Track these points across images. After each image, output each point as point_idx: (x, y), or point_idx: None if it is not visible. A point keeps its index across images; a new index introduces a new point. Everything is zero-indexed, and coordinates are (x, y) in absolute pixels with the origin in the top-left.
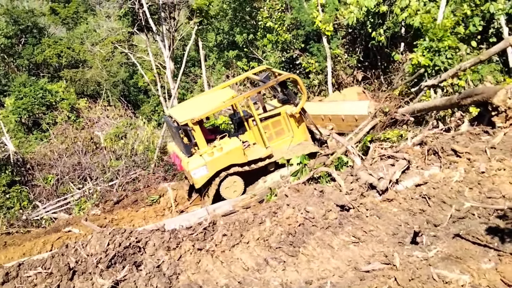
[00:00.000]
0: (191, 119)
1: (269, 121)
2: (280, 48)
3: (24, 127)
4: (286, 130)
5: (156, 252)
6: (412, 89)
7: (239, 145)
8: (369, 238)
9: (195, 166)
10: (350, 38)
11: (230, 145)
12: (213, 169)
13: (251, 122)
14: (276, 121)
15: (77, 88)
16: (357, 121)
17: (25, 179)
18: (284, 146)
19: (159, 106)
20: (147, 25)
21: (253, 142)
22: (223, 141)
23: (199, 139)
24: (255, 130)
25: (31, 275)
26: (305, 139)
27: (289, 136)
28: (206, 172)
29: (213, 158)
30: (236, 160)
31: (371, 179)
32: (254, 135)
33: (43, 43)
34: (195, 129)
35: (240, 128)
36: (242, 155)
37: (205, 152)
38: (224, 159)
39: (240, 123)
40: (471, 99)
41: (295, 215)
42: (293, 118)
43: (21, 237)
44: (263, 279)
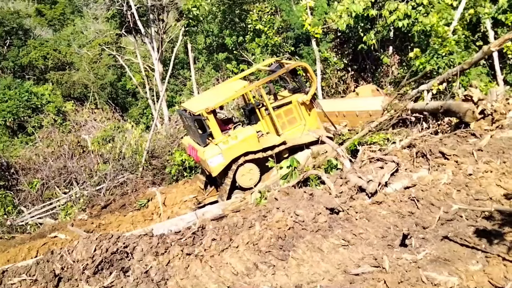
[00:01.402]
0: (206, 109)
1: (281, 109)
2: (269, 51)
3: (8, 130)
4: (298, 118)
5: (144, 258)
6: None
7: (253, 133)
8: (358, 241)
9: (211, 154)
10: (339, 41)
11: (244, 133)
12: (229, 157)
13: (264, 111)
14: (288, 109)
15: (64, 91)
16: (371, 116)
17: (10, 184)
18: (297, 134)
19: (148, 109)
20: (136, 27)
21: (266, 132)
22: (237, 130)
23: (213, 128)
24: (267, 120)
25: (15, 282)
26: (317, 127)
27: (301, 124)
28: (222, 160)
29: (229, 146)
30: (251, 147)
31: (360, 182)
32: (267, 125)
33: (29, 45)
34: (210, 118)
35: (252, 118)
36: (257, 143)
37: (220, 141)
38: (239, 147)
39: (252, 113)
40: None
41: (285, 219)
42: (304, 106)
43: (5, 243)
44: (253, 283)
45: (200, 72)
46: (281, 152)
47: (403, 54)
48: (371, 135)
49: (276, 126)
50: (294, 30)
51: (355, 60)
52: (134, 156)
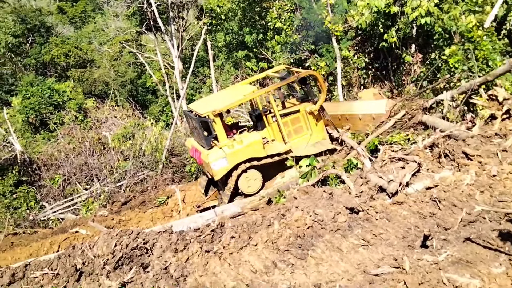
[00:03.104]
0: (213, 111)
1: (288, 118)
2: (289, 49)
3: (31, 126)
4: (304, 127)
5: (164, 254)
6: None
7: (259, 139)
8: (378, 241)
9: (215, 158)
10: (359, 39)
11: (250, 138)
12: (233, 162)
13: (270, 118)
14: (295, 118)
15: (85, 88)
16: (375, 120)
17: (32, 179)
18: (302, 144)
19: (167, 106)
20: (156, 25)
21: (272, 139)
22: (243, 135)
23: (219, 131)
24: (274, 127)
25: (38, 276)
26: (323, 138)
27: (307, 134)
28: (226, 164)
29: (233, 151)
30: (255, 153)
31: (381, 182)
32: (273, 132)
33: (51, 42)
34: (216, 121)
35: (258, 124)
36: (262, 149)
37: (225, 144)
38: (244, 152)
39: (259, 119)
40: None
41: (304, 218)
42: (312, 116)
43: (28, 238)
44: (271, 282)
45: (219, 70)
46: (284, 160)
47: (426, 52)
48: (392, 134)
49: (282, 133)
50: (314, 28)
51: (376, 59)
52: (154, 153)
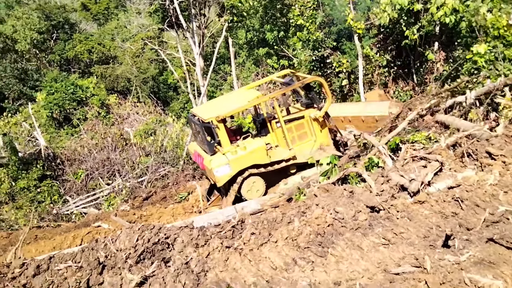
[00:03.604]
0: (216, 117)
1: (292, 123)
2: (311, 46)
3: (55, 122)
4: (309, 133)
5: (185, 249)
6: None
7: (262, 145)
8: (399, 240)
9: (218, 164)
10: (382, 37)
11: (253, 144)
12: (236, 168)
13: (274, 124)
14: (300, 124)
15: (107, 84)
16: (378, 122)
17: (56, 174)
18: (306, 150)
19: (189, 103)
20: (177, 22)
21: (276, 145)
22: (247, 141)
23: (223, 137)
24: (278, 132)
25: (62, 268)
26: (327, 144)
27: (311, 140)
28: (229, 171)
29: (236, 157)
30: (259, 160)
31: (402, 181)
32: (277, 138)
33: (74, 39)
34: (220, 127)
35: (262, 129)
36: (265, 155)
37: (228, 150)
38: (247, 159)
39: (263, 124)
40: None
41: (324, 215)
42: (317, 122)
43: (51, 231)
44: (291, 278)
45: (240, 67)
46: (288, 167)
47: (450, 50)
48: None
49: (286, 139)
50: (337, 25)
51: (399, 57)
52: (175, 149)
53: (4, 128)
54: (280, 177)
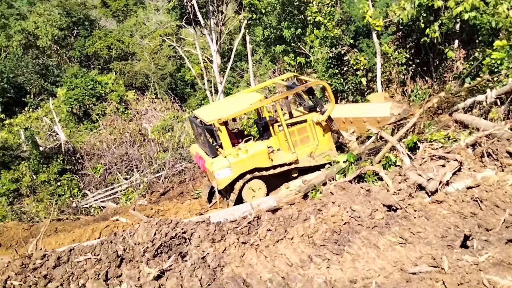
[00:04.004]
0: (218, 119)
1: (294, 127)
2: (328, 43)
3: (75, 117)
4: (311, 138)
5: (201, 244)
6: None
7: (264, 149)
8: (416, 240)
9: (219, 167)
10: (400, 34)
11: (255, 148)
12: (237, 171)
13: (277, 128)
14: (302, 128)
15: (126, 80)
16: (379, 123)
17: (75, 168)
18: (307, 154)
19: (206, 100)
20: (195, 19)
21: (277, 148)
22: (248, 144)
23: (224, 140)
24: (280, 136)
25: (81, 260)
26: (330, 149)
27: (313, 144)
28: (230, 174)
29: (238, 160)
30: (260, 163)
31: (420, 180)
32: (279, 141)
33: (94, 35)
34: (221, 130)
35: (264, 133)
36: (267, 159)
37: (230, 153)
38: (249, 162)
39: (265, 128)
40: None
41: (340, 213)
42: (319, 126)
43: (71, 224)
44: (307, 275)
45: (257, 64)
46: (290, 171)
47: (470, 48)
48: (432, 132)
49: (289, 143)
50: (355, 22)
51: (417, 54)
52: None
53: (26, 123)
54: (281, 181)
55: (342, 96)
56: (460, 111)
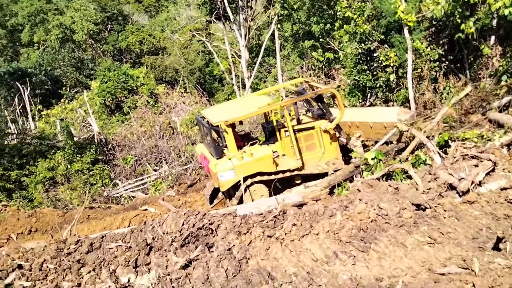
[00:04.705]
0: (225, 121)
1: (301, 133)
2: (357, 39)
3: (107, 109)
4: (317, 145)
5: (228, 236)
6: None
7: (269, 153)
8: (446, 240)
9: (223, 168)
10: (434, 30)
11: (260, 152)
12: (241, 174)
13: (283, 133)
14: (309, 134)
15: (157, 74)
16: (386, 128)
17: (107, 158)
18: (313, 161)
19: (233, 94)
20: (225, 14)
21: (283, 154)
22: (254, 148)
23: (230, 142)
24: (286, 141)
25: (113, 247)
26: (336, 157)
27: (319, 152)
28: (233, 176)
29: (242, 163)
30: (265, 168)
31: (451, 179)
32: (284, 146)
33: (127, 30)
34: (228, 131)
35: (271, 137)
36: (272, 164)
37: (235, 156)
38: (253, 166)
39: (271, 132)
40: None
41: (367, 211)
42: (327, 134)
43: (102, 212)
44: (332, 271)
45: (285, 59)
46: (293, 177)
47: (507, 45)
48: (464, 131)
49: (294, 149)
50: (386, 18)
51: (451, 51)
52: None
53: (61, 114)
54: (285, 187)
55: (371, 92)
56: (495, 110)
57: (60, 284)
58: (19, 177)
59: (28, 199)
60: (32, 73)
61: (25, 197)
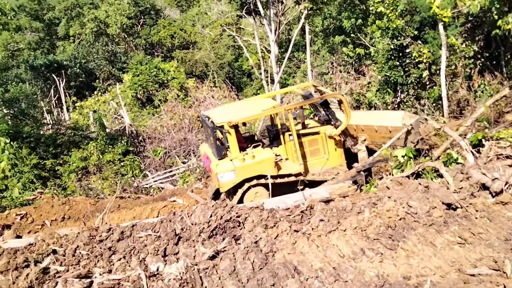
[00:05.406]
0: (228, 122)
1: (306, 138)
2: (390, 35)
3: (139, 102)
4: (321, 151)
5: (255, 229)
6: None
7: (271, 157)
8: (477, 241)
9: (224, 169)
10: (469, 26)
11: (262, 154)
12: (241, 176)
13: (287, 137)
14: (313, 139)
15: (187, 68)
16: (391, 133)
17: (138, 150)
18: (316, 167)
19: (261, 89)
20: (255, 9)
21: (286, 157)
22: (256, 150)
23: (232, 143)
24: (289, 145)
25: (142, 236)
26: (340, 164)
27: (323, 158)
28: (234, 178)
29: (243, 165)
30: (265, 171)
31: (484, 179)
32: (287, 150)
33: (159, 24)
34: (231, 132)
35: (275, 140)
36: (273, 167)
37: (236, 157)
38: (254, 168)
39: (276, 135)
40: None
41: (396, 209)
42: (332, 140)
43: (132, 202)
44: (359, 268)
45: (315, 55)
46: (296, 182)
47: None
48: (499, 130)
49: (297, 153)
50: (420, 13)
51: (487, 47)
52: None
53: (95, 106)
54: (286, 191)
55: (402, 89)
56: None
57: (91, 270)
58: (54, 166)
59: (62, 187)
60: (68, 65)
61: (59, 185)
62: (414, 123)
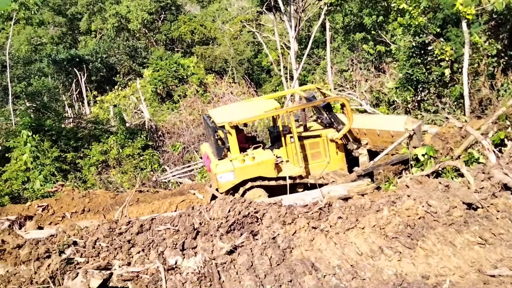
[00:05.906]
0: (229, 122)
1: (307, 141)
2: (412, 32)
3: (158, 97)
4: (323, 154)
5: (272, 225)
6: None
7: (271, 158)
8: (498, 242)
9: (223, 170)
10: (493, 23)
11: (262, 156)
12: (240, 177)
13: (289, 139)
14: (315, 142)
15: (206, 64)
16: (393, 137)
17: (157, 145)
18: (317, 170)
19: (280, 86)
20: (276, 5)
21: (286, 160)
22: (256, 151)
23: (232, 143)
24: (290, 147)
25: (161, 229)
26: (341, 168)
27: (324, 161)
28: (233, 179)
29: (243, 166)
30: (265, 172)
31: (506, 179)
32: (288, 153)
33: (179, 20)
34: (231, 133)
35: (276, 142)
36: (273, 169)
37: (236, 158)
38: (254, 169)
39: (277, 137)
40: None
41: (415, 207)
42: (333, 144)
43: (151, 196)
44: (377, 266)
45: (335, 51)
46: (296, 184)
47: None
48: None
49: (298, 156)
50: (443, 10)
51: (511, 46)
52: (265, 130)
53: (115, 100)
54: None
55: (423, 87)
56: None
57: (111, 262)
58: (74, 159)
59: (82, 180)
60: (89, 60)
61: (79, 178)
62: (416, 128)
